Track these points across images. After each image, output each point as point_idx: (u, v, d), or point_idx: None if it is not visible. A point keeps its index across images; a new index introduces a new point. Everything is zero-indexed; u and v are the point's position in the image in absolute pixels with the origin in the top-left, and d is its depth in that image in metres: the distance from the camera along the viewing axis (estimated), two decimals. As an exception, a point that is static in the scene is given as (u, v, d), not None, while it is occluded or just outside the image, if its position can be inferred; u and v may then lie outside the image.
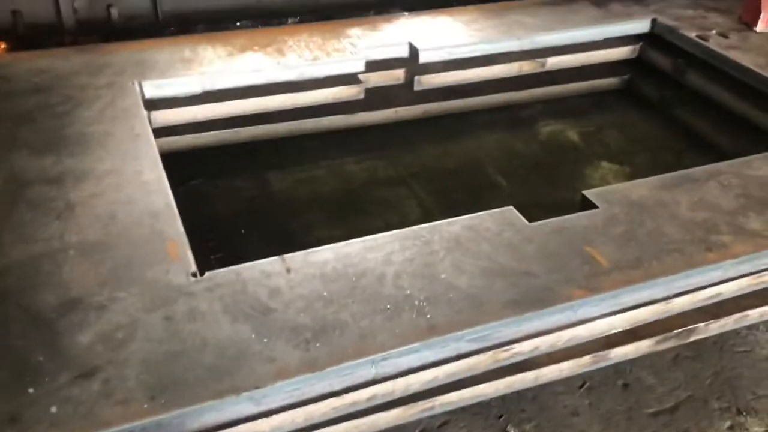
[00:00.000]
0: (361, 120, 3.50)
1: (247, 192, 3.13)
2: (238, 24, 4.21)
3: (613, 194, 2.36)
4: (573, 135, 3.70)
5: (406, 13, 3.79)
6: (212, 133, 3.21)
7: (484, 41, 3.52)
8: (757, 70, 3.24)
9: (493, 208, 2.30)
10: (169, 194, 2.22)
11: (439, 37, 3.49)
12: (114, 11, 3.57)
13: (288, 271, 1.95)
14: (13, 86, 2.81)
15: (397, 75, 3.44)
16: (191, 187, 3.06)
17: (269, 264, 1.99)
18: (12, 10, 3.43)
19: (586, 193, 2.34)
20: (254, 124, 3.29)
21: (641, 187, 2.41)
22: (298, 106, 3.28)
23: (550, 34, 3.62)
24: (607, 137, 3.71)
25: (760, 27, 3.63)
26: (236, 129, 3.26)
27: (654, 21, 3.78)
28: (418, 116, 3.61)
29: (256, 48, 3.25)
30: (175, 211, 2.16)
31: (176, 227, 2.09)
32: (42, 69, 2.94)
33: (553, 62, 3.73)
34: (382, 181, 3.26)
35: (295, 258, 2.01)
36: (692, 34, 3.59)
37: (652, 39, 3.83)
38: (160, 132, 3.06)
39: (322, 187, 3.18)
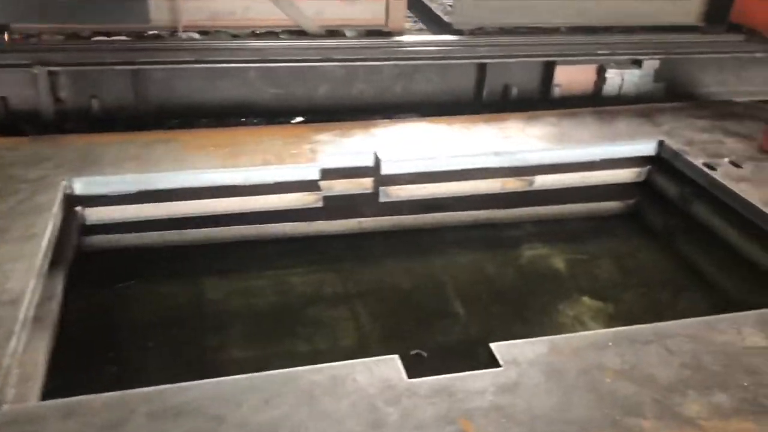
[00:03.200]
0: (320, 229, 3.27)
1: (176, 299, 2.93)
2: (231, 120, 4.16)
3: (528, 350, 1.98)
4: (558, 262, 3.31)
5: (386, 120, 3.60)
6: (154, 233, 3.07)
7: (462, 154, 3.26)
8: (764, 208, 2.80)
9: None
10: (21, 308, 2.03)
11: (413, 147, 3.26)
12: (95, 102, 3.59)
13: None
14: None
15: (363, 184, 3.22)
16: (117, 290, 2.89)
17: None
18: (-1, 96, 3.51)
19: (494, 346, 1.98)
20: (202, 227, 3.14)
21: (567, 344, 2.02)
22: (250, 211, 3.11)
23: (539, 152, 3.32)
24: (599, 268, 3.29)
25: (778, 155, 3.19)
26: (180, 230, 3.10)
27: (661, 143, 3.40)
28: (385, 229, 3.34)
29: (212, 148, 3.13)
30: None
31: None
32: (-14, 157, 2.92)
33: (545, 181, 3.41)
34: (325, 298, 2.98)
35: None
36: (699, 161, 3.19)
37: (660, 162, 3.44)
38: (95, 229, 2.96)
39: (257, 300, 2.94)
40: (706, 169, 3.12)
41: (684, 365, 1.94)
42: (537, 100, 4.21)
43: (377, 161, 3.15)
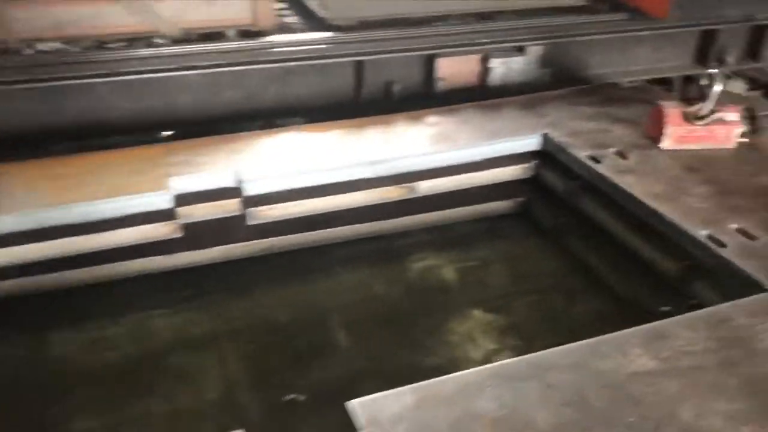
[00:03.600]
0: (182, 261, 2.93)
1: (14, 358, 2.54)
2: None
3: (392, 405, 1.73)
4: (449, 272, 3.10)
5: (254, 132, 3.28)
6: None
7: (336, 166, 2.98)
8: (648, 202, 2.65)
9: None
10: None
11: (283, 160, 2.96)
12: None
13: None
14: None
15: (228, 207, 2.89)
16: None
17: None
18: None
19: (352, 405, 1.72)
20: (44, 272, 2.75)
21: (438, 391, 1.78)
22: (100, 249, 2.74)
23: (419, 158, 3.08)
24: (490, 275, 3.10)
25: (664, 144, 3.06)
26: (17, 280, 2.71)
27: (545, 137, 3.23)
28: (258, 254, 3.04)
29: (45, 182, 2.73)
30: None
31: None
32: None
33: (428, 186, 3.17)
34: (190, 342, 2.66)
35: None
36: (584, 154, 3.03)
37: (545, 157, 3.27)
38: None
39: (109, 354, 2.59)
40: (590, 163, 2.95)
41: (566, 403, 1.73)
42: (421, 96, 3.97)
43: (239, 180, 2.83)
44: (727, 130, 3.04)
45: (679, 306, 2.51)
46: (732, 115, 3.04)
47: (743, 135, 3.06)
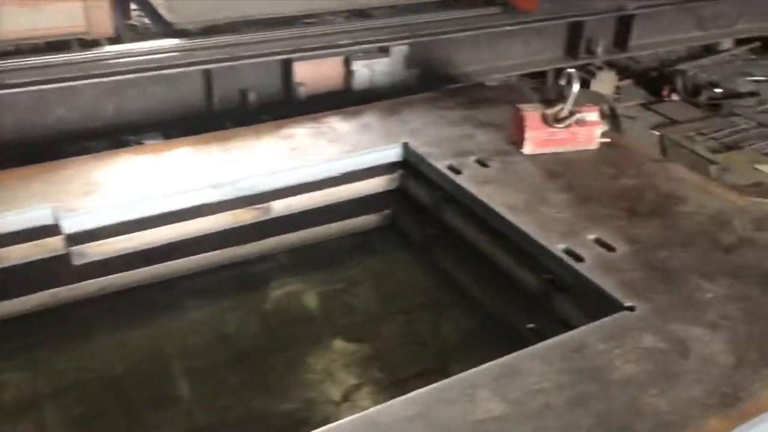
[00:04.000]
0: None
1: None
2: None
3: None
4: (311, 298, 2.86)
5: (84, 156, 2.92)
6: None
7: (177, 191, 2.68)
8: (506, 215, 2.50)
9: None
10: None
11: (115, 188, 2.63)
12: None
13: None
14: None
15: (50, 246, 2.53)
16: None
17: None
18: None
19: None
20: None
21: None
22: None
23: (271, 177, 2.83)
24: (356, 296, 2.89)
25: (526, 149, 2.93)
26: None
27: (405, 147, 3.04)
28: (91, 295, 2.70)
29: None
30: None
31: None
32: None
33: (286, 206, 2.92)
34: (4, 408, 2.30)
35: None
36: (444, 164, 2.86)
37: (408, 167, 3.08)
38: None
39: None
40: (450, 174, 2.79)
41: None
42: (281, 103, 3.71)
43: (59, 216, 2.49)
44: (588, 131, 2.95)
45: (544, 323, 2.38)
46: (592, 114, 2.95)
47: (604, 134, 2.97)
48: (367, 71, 3.82)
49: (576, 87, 2.87)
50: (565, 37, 4.54)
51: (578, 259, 2.26)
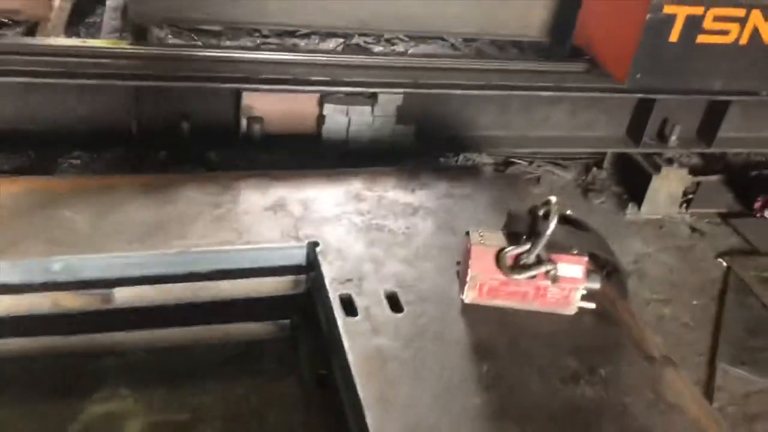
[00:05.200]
0: None
1: None
2: None
3: None
4: (134, 429, 2.13)
5: None
6: None
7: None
8: (368, 419, 1.64)
9: None
10: None
11: None
12: None
13: None
14: None
15: None
16: None
17: None
18: None
19: None
20: None
21: None
22: None
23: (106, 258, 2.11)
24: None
25: (465, 296, 2.03)
26: None
27: (312, 247, 2.22)
28: None
29: None
30: None
31: None
32: None
33: (136, 294, 2.20)
34: None
35: None
36: (338, 292, 2.02)
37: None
38: None
39: None
40: (338, 312, 1.95)
41: None
42: (226, 137, 2.99)
43: None
44: (561, 291, 2.00)
45: None
46: (573, 268, 2.00)
47: (584, 298, 2.02)
48: (343, 118, 3.00)
49: (553, 224, 1.93)
50: (631, 111, 3.49)
51: None
